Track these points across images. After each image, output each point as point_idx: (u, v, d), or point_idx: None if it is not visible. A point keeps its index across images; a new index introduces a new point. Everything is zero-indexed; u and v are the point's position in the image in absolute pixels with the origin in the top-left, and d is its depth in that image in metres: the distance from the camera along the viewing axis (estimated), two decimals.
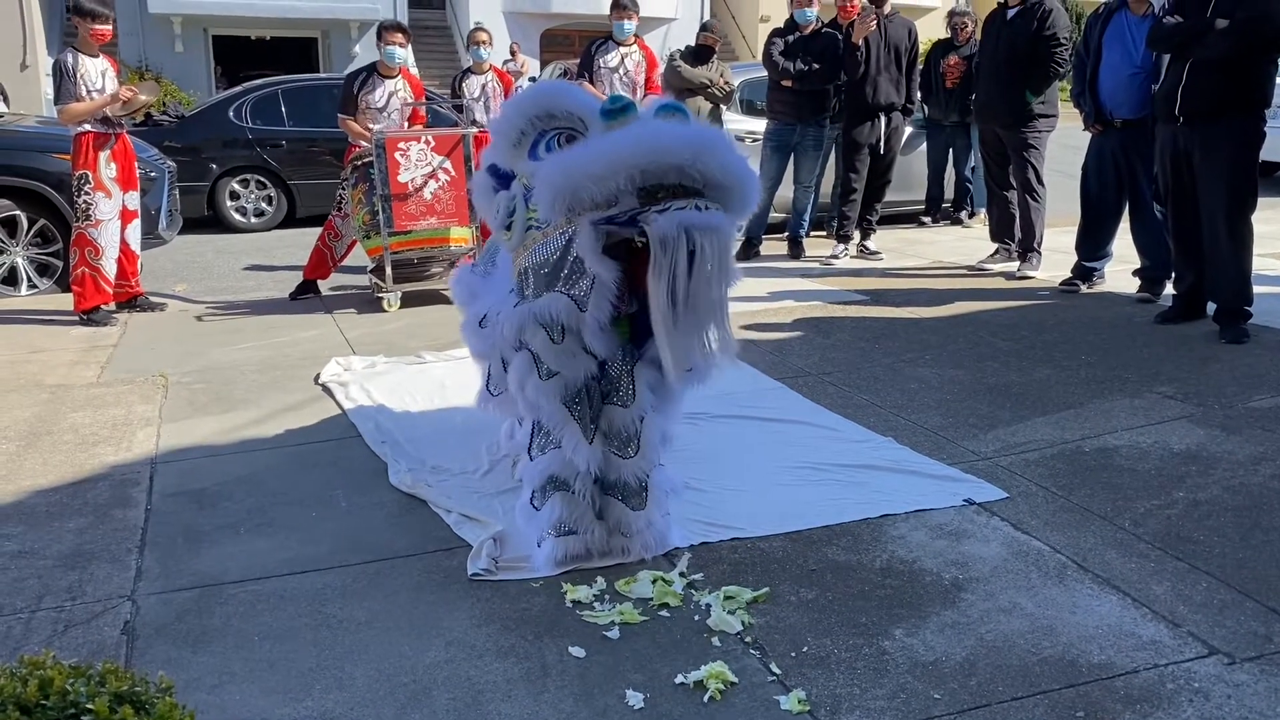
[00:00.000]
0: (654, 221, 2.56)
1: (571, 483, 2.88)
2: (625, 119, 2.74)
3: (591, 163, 2.60)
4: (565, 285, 2.78)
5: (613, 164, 2.57)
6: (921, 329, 5.52)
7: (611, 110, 2.75)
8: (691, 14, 24.23)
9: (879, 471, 3.56)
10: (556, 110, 2.86)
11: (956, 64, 8.58)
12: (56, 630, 2.64)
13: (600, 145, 2.66)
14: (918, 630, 2.57)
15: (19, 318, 6.23)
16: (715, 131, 2.79)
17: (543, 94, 3.00)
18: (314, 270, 6.71)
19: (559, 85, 3.05)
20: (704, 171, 2.57)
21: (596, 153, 2.63)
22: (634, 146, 2.58)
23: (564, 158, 2.70)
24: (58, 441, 4.06)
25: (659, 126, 2.68)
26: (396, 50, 6.48)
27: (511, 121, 2.95)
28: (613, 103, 2.76)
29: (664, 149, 2.57)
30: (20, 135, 7.45)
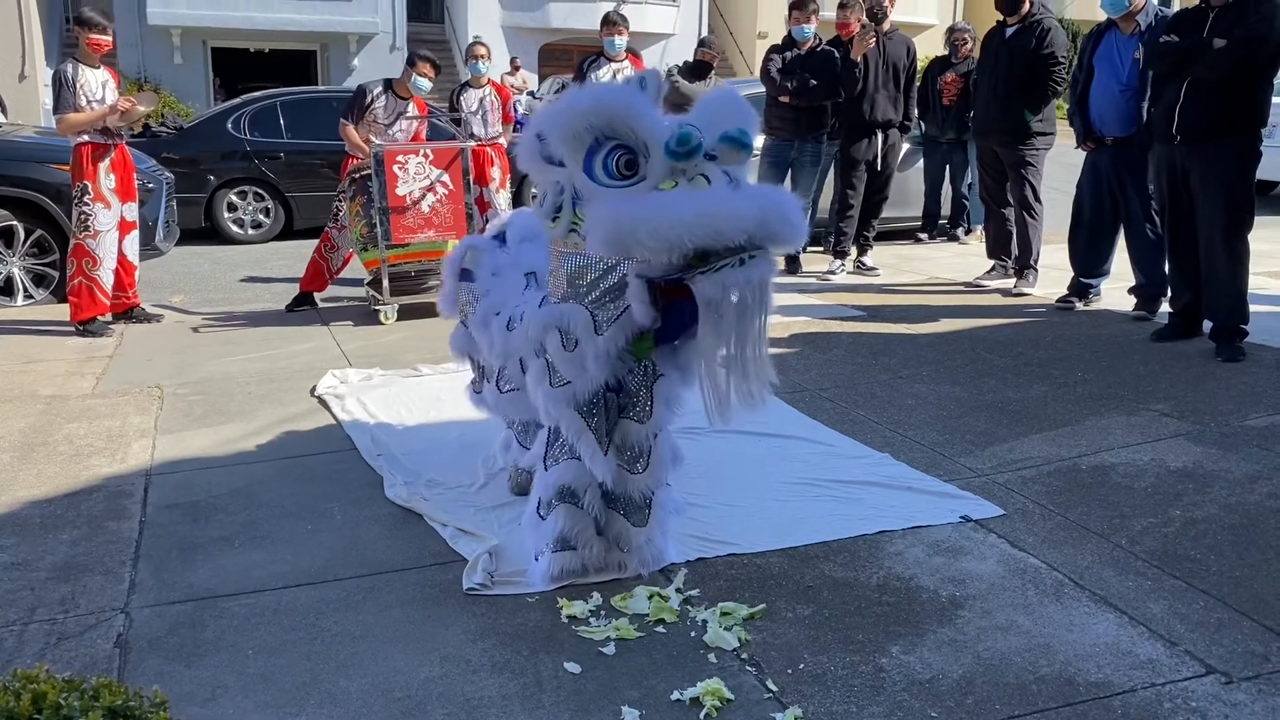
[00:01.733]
0: (699, 283, 2.54)
1: (581, 495, 2.87)
2: (690, 163, 2.62)
3: (650, 233, 2.49)
4: (595, 304, 2.76)
5: (669, 239, 2.47)
6: (918, 345, 5.52)
7: (679, 153, 2.61)
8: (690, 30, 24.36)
9: (876, 488, 3.55)
10: (620, 126, 2.68)
11: (954, 81, 8.62)
12: (49, 643, 2.63)
13: (662, 215, 2.51)
14: (914, 648, 2.56)
15: (15, 328, 6.22)
16: (773, 202, 2.62)
17: (608, 108, 2.74)
18: (310, 283, 6.70)
19: (627, 99, 2.79)
20: (762, 242, 2.54)
21: (656, 223, 2.50)
22: (692, 224, 2.47)
23: (622, 212, 2.57)
24: (52, 452, 4.05)
25: (720, 208, 2.53)
26: (424, 82, 6.52)
27: (571, 123, 2.74)
28: (680, 144, 2.60)
29: (722, 232, 2.48)
30: (18, 146, 7.45)
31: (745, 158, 2.70)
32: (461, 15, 24.03)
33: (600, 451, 2.82)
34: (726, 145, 2.64)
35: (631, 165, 2.66)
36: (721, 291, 2.53)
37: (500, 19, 23.83)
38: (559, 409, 2.84)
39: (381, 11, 22.31)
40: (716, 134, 2.65)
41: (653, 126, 2.67)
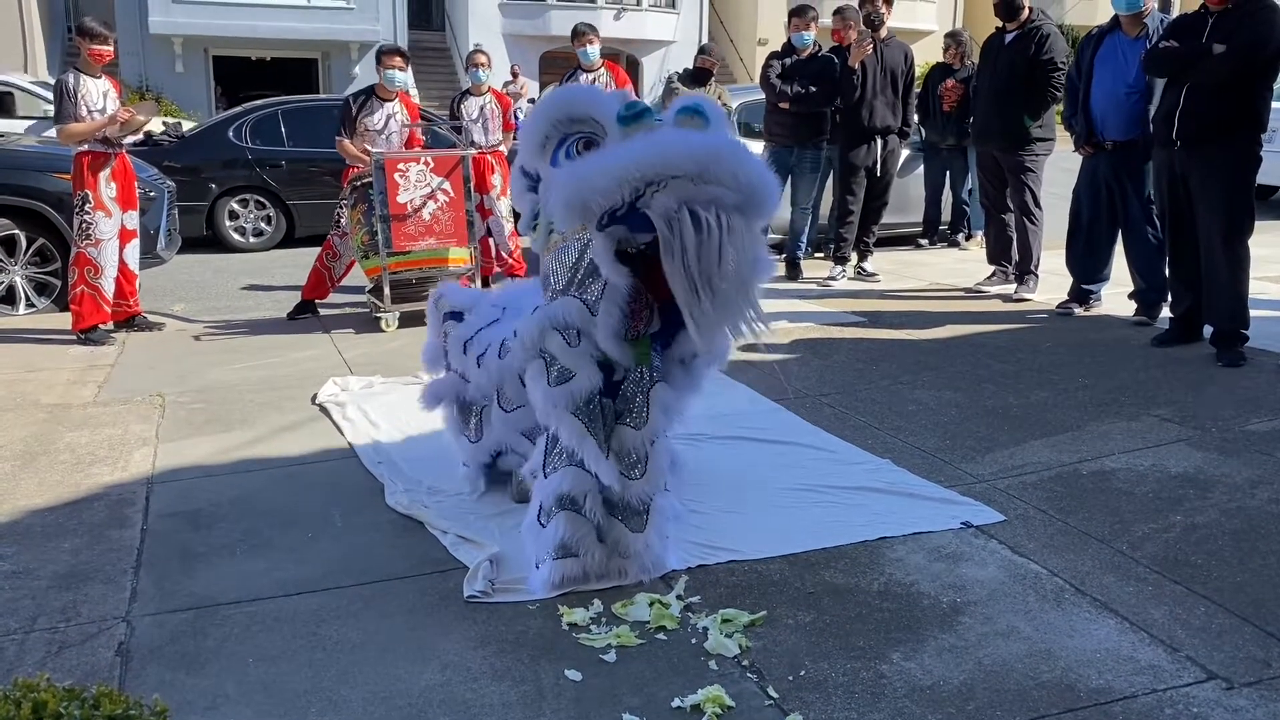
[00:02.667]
0: (653, 201, 2.56)
1: (581, 502, 2.88)
2: (640, 124, 2.74)
3: (598, 176, 2.60)
4: (579, 290, 2.82)
5: (618, 178, 2.56)
6: (919, 351, 5.52)
7: (627, 116, 2.76)
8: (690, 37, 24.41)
9: (876, 494, 3.55)
10: (578, 114, 2.87)
11: (954, 87, 8.63)
12: (50, 652, 2.63)
13: (607, 159, 2.66)
14: (915, 654, 2.56)
15: (17, 337, 6.23)
16: (724, 140, 2.73)
17: (565, 98, 3.00)
18: (312, 290, 6.71)
19: (580, 89, 3.07)
20: (714, 181, 2.57)
21: (603, 167, 2.62)
22: (639, 160, 2.57)
23: (573, 170, 2.71)
24: (54, 461, 4.06)
25: (666, 139, 2.66)
26: (396, 74, 6.52)
27: (537, 125, 2.97)
28: (628, 109, 2.77)
29: (670, 163, 2.55)
30: (19, 155, 7.47)
31: (703, 125, 2.79)
32: (462, 23, 24.10)
33: (603, 455, 2.83)
34: (684, 115, 2.76)
35: (590, 144, 2.80)
36: (676, 204, 2.54)
37: (501, 27, 23.89)
38: (559, 415, 2.85)
39: (382, 20, 22.38)
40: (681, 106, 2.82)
41: (604, 105, 2.87)
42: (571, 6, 23.38)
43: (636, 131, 2.76)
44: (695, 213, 2.54)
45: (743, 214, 2.62)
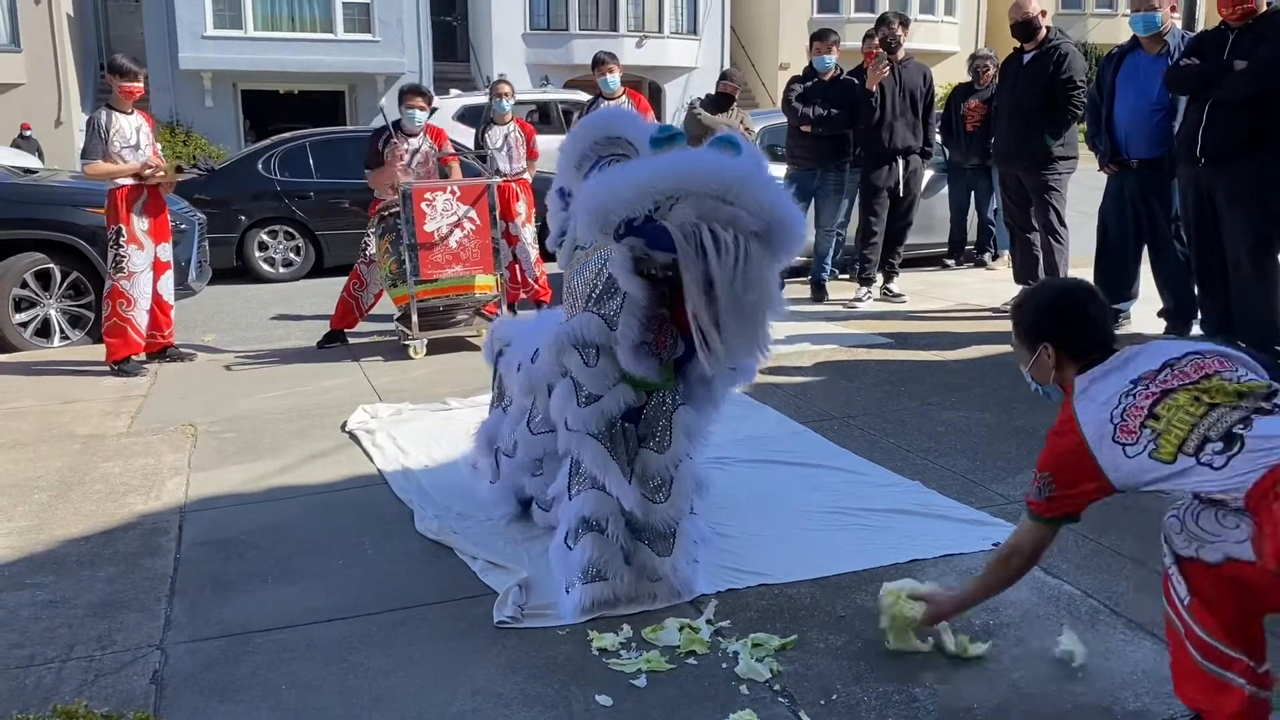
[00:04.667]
0: (672, 213, 2.57)
1: (604, 524, 2.88)
2: (672, 147, 2.77)
3: (622, 186, 2.61)
4: (597, 305, 2.82)
5: (640, 188, 2.57)
6: (947, 372, 5.49)
7: (659, 139, 2.80)
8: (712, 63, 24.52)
9: (907, 516, 3.53)
10: (614, 135, 2.94)
11: (977, 107, 8.62)
12: (87, 679, 2.66)
13: (632, 170, 2.69)
14: (949, 677, 2.54)
15: (52, 369, 6.32)
16: (752, 165, 2.72)
17: (604, 120, 3.06)
18: (340, 320, 6.77)
19: (620, 112, 3.10)
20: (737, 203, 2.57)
21: (628, 177, 2.65)
22: (662, 172, 2.58)
23: (599, 181, 2.76)
24: (89, 491, 4.10)
25: (694, 155, 2.68)
26: (417, 114, 6.61)
27: (575, 145, 3.04)
28: (661, 132, 2.82)
29: (693, 178, 2.55)
30: (54, 190, 7.62)
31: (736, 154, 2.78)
32: (486, 54, 24.34)
33: (626, 480, 2.84)
34: (718, 146, 2.75)
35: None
36: (694, 217, 2.54)
37: (525, 56, 24.10)
38: (581, 438, 2.86)
39: (408, 52, 22.62)
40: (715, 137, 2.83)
41: (639, 128, 2.94)
42: (594, 35, 23.56)
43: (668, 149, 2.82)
44: (714, 230, 2.54)
45: (762, 242, 2.62)
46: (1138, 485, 2.16)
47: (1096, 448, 2.18)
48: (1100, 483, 2.21)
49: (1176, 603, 2.12)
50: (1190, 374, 2.14)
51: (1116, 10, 28.36)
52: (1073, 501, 2.30)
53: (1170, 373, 2.16)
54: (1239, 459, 1.97)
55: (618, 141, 2.95)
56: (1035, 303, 2.50)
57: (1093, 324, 2.36)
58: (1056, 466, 2.27)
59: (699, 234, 2.54)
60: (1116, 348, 2.32)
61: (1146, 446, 2.09)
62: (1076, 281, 2.56)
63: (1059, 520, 2.35)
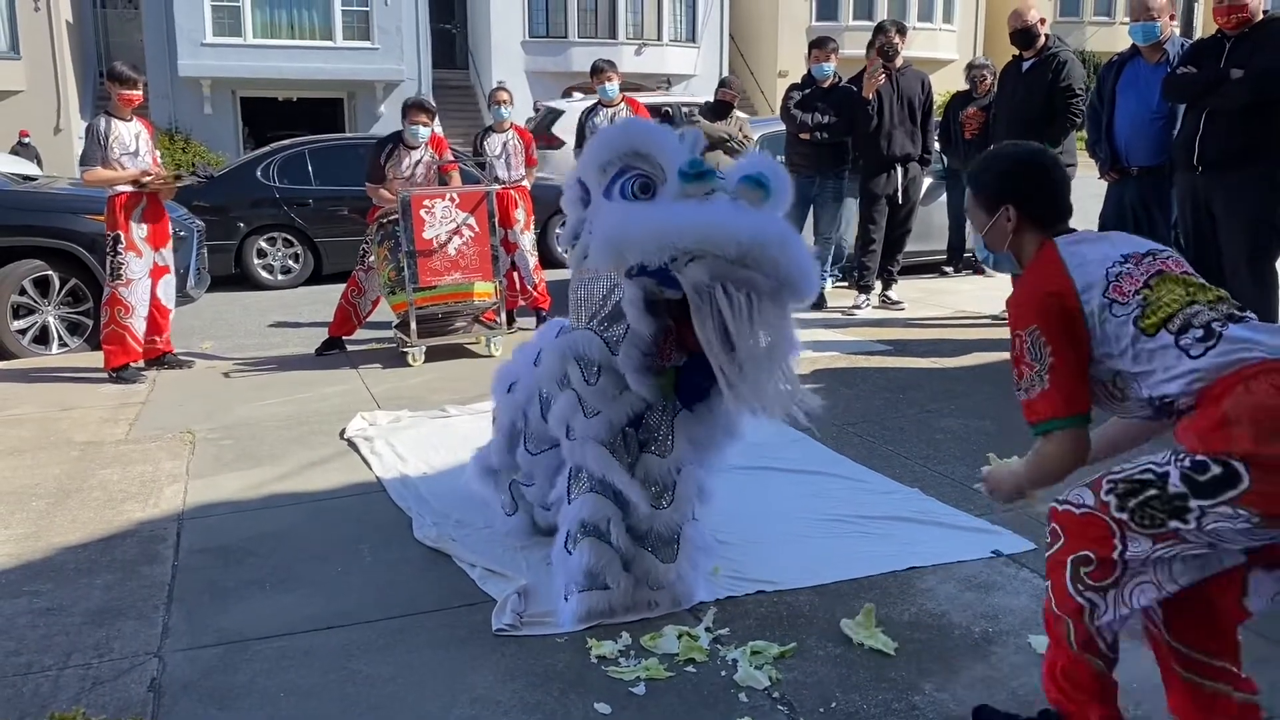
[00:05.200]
0: (687, 269, 2.56)
1: (604, 528, 2.88)
2: (700, 185, 2.71)
3: (643, 234, 2.59)
4: (601, 326, 2.82)
5: (658, 241, 2.56)
6: (946, 379, 5.50)
7: (689, 174, 2.72)
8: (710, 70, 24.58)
9: (906, 523, 3.53)
10: (642, 151, 2.84)
11: (975, 115, 8.63)
12: (84, 687, 2.65)
13: (653, 216, 2.64)
14: (948, 684, 2.54)
15: (50, 376, 6.31)
16: (771, 227, 2.68)
17: (635, 133, 2.95)
18: (339, 327, 6.77)
19: (651, 128, 2.96)
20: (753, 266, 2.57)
21: (650, 225, 2.60)
22: (682, 229, 2.55)
23: (622, 217, 2.69)
24: (87, 498, 4.10)
25: (716, 215, 2.61)
26: (420, 130, 6.61)
27: (602, 151, 2.93)
28: (691, 167, 2.73)
29: (711, 241, 2.53)
30: (53, 197, 7.62)
31: (764, 198, 2.74)
32: (485, 61, 24.38)
33: (632, 480, 2.84)
34: (746, 184, 2.70)
35: (647, 188, 2.76)
36: (709, 277, 2.54)
37: (524, 64, 24.14)
38: (584, 447, 2.86)
39: (407, 59, 22.66)
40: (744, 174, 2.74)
41: (670, 152, 2.79)
42: (593, 42, 23.60)
43: (694, 192, 2.73)
44: (727, 289, 2.56)
45: (776, 300, 2.64)
46: (1103, 356, 2.10)
47: (1085, 294, 2.10)
48: (1081, 351, 2.11)
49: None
50: (1173, 267, 2.14)
51: (1114, 18, 28.46)
52: (1078, 374, 2.13)
53: (1155, 260, 2.15)
54: (1213, 353, 1.98)
55: (645, 158, 2.84)
56: (999, 164, 2.40)
57: (1057, 188, 2.30)
58: (1043, 317, 2.12)
59: (713, 295, 2.56)
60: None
61: (1133, 312, 2.06)
62: (1039, 146, 2.46)
63: (1078, 420, 2.19)
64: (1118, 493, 2.03)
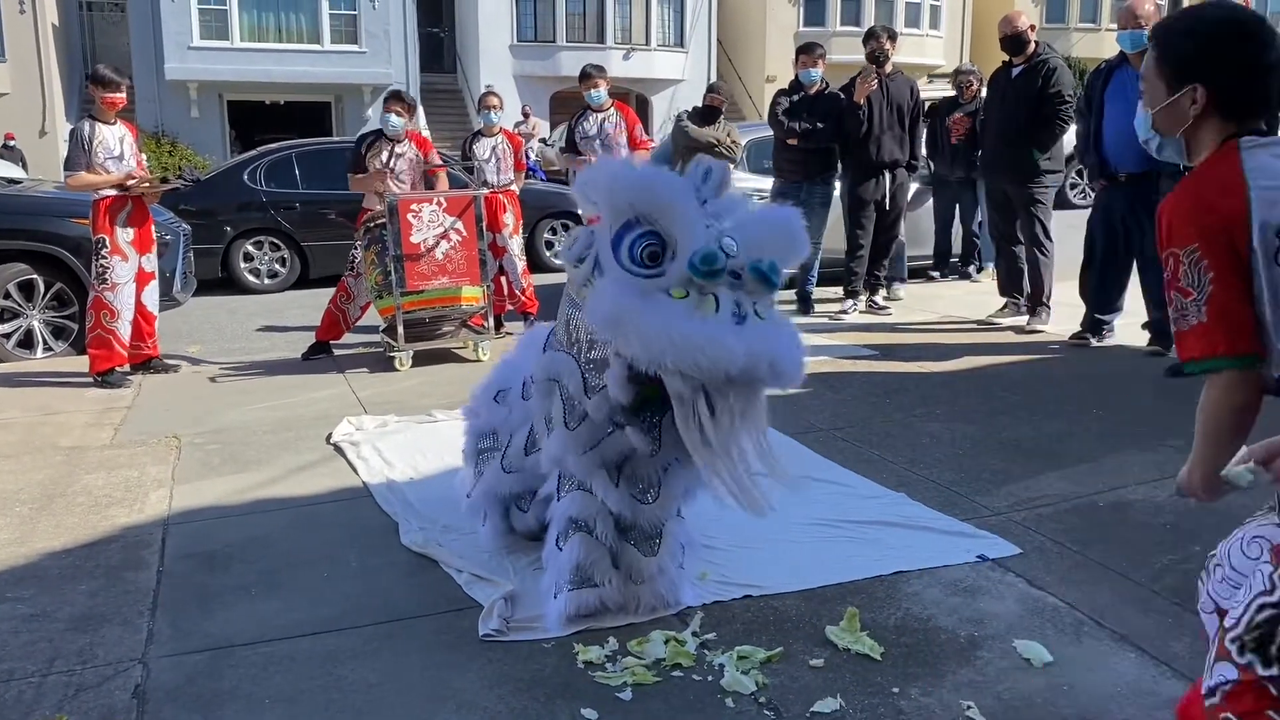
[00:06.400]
0: (669, 378, 2.55)
1: (591, 525, 2.88)
2: (710, 283, 2.57)
3: (638, 338, 2.52)
4: (587, 366, 2.81)
5: (649, 356, 2.51)
6: (932, 384, 5.51)
7: (700, 269, 2.56)
8: (699, 75, 24.62)
9: (892, 528, 3.54)
10: (659, 219, 2.63)
11: (961, 120, 8.68)
12: (68, 694, 2.63)
13: (654, 326, 2.52)
14: (934, 689, 2.54)
15: (35, 380, 6.28)
16: (775, 343, 2.61)
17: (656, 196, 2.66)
18: (326, 332, 6.76)
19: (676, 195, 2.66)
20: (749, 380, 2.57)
21: (647, 332, 2.51)
22: (678, 357, 2.48)
23: (623, 306, 2.57)
24: (71, 503, 4.08)
25: (711, 340, 2.50)
26: (393, 118, 6.63)
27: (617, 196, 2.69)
28: (705, 263, 2.55)
29: (706, 368, 2.48)
30: (38, 200, 7.58)
31: (768, 293, 2.67)
32: (473, 65, 24.38)
33: (612, 486, 2.84)
34: (753, 275, 2.62)
35: (655, 257, 2.61)
36: (690, 392, 2.54)
37: (512, 68, 24.16)
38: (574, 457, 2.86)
39: (395, 63, 22.65)
40: (751, 258, 2.62)
41: (689, 230, 2.61)
42: (581, 47, 23.63)
43: (700, 285, 2.58)
44: (710, 399, 2.55)
45: (758, 396, 2.66)
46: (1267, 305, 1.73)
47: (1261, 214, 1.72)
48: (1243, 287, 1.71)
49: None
50: None
51: (1100, 25, 28.62)
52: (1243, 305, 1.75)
53: None
54: None
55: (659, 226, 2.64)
56: (1204, 28, 1.87)
57: (1269, 73, 1.82)
58: (1205, 236, 1.74)
59: (695, 406, 2.55)
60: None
61: None
62: (1259, 15, 1.91)
63: (1243, 360, 1.83)
64: (1252, 647, 1.68)
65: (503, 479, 3.33)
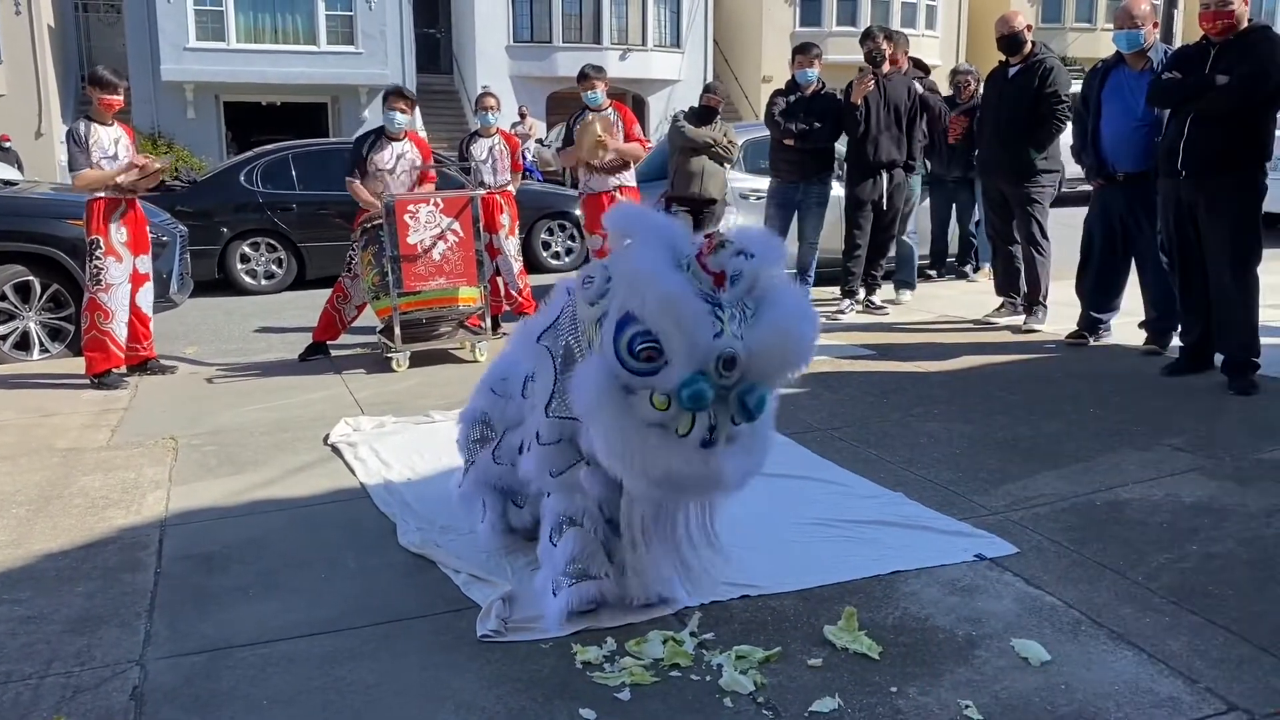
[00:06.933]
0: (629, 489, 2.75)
1: (580, 519, 2.91)
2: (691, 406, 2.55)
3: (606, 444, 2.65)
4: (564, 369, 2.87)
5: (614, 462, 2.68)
6: (929, 383, 5.52)
7: (684, 401, 2.53)
8: (695, 76, 24.64)
9: (889, 527, 3.54)
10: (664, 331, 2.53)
11: (958, 120, 8.68)
12: (65, 696, 2.63)
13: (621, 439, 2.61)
14: (932, 688, 2.55)
15: (31, 382, 6.27)
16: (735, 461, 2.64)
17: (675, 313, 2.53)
18: (323, 332, 6.76)
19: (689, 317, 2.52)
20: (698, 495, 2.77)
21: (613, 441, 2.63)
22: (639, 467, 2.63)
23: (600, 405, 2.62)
24: (68, 505, 4.07)
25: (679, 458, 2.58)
26: (398, 116, 6.59)
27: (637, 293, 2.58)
28: (692, 402, 2.52)
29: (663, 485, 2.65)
30: (34, 201, 7.57)
31: (747, 422, 2.64)
32: (470, 66, 24.36)
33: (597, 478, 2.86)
34: (737, 404, 2.59)
35: (650, 360, 2.57)
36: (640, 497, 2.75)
37: (508, 69, 24.15)
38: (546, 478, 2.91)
39: (391, 64, 22.64)
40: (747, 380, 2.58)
41: (690, 353, 2.52)
42: (578, 48, 23.63)
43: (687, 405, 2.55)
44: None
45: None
46: None
47: None
48: None
49: None
50: None
51: (1096, 24, 28.66)
52: None
53: None
54: None
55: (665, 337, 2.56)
56: None
57: None
58: None
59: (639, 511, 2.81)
60: None
61: None
62: None
63: None
64: None
65: (492, 469, 3.34)
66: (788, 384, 2.80)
